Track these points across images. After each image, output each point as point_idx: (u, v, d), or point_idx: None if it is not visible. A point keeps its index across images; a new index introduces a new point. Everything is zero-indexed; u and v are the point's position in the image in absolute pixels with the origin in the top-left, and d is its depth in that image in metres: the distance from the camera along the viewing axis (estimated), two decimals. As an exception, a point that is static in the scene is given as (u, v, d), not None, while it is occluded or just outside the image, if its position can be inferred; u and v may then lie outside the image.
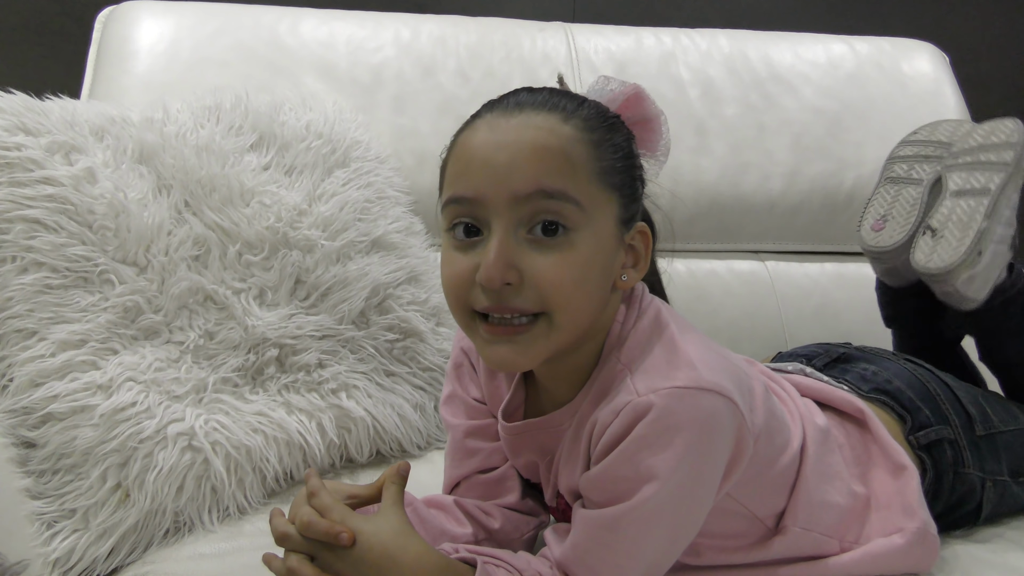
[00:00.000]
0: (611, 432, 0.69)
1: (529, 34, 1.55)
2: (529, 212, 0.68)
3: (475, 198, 0.69)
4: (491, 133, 0.70)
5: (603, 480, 0.70)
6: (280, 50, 1.43)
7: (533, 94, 0.73)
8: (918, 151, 1.25)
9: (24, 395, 0.94)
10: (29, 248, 0.98)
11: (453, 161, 0.72)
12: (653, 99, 0.77)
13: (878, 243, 1.19)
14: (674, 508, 0.69)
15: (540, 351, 0.71)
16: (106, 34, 1.42)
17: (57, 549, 0.89)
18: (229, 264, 1.08)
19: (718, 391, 0.68)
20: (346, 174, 1.22)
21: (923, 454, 0.91)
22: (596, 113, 0.73)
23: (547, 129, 0.69)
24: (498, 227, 0.68)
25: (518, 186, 0.68)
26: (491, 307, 0.69)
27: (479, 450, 0.88)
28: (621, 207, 0.73)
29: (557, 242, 0.69)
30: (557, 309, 0.69)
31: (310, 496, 0.73)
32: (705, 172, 1.48)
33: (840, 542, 0.82)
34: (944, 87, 1.63)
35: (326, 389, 1.07)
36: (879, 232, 1.19)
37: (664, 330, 0.74)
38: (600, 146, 0.71)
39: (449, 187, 0.72)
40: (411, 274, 1.20)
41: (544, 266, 0.68)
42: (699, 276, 1.46)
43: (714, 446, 0.69)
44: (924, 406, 0.94)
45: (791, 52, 1.62)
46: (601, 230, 0.71)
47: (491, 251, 0.68)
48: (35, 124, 1.04)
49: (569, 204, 0.68)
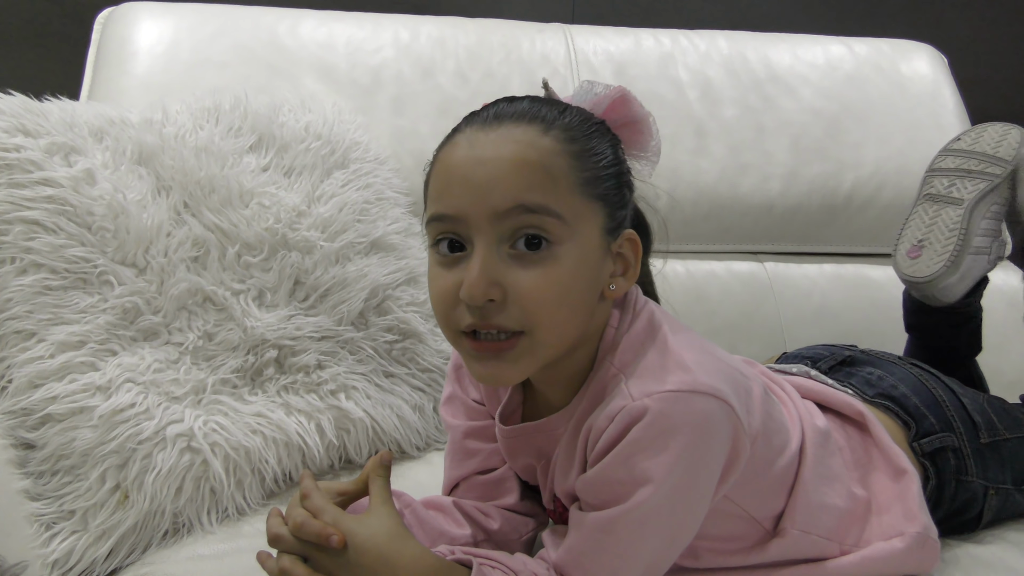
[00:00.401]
0: (607, 436, 0.69)
1: (528, 35, 1.55)
2: (511, 228, 0.68)
3: (456, 215, 0.69)
4: (471, 149, 0.70)
5: (599, 483, 0.70)
6: (279, 51, 1.43)
7: (513, 104, 0.73)
8: (960, 163, 1.14)
9: (23, 396, 0.94)
10: (28, 249, 0.98)
11: (435, 178, 0.72)
12: (640, 101, 0.76)
13: (915, 273, 1.10)
14: (670, 511, 0.69)
15: (526, 366, 0.71)
16: (105, 35, 1.42)
17: (56, 550, 0.89)
18: (228, 265, 1.08)
19: (713, 394, 0.68)
20: (345, 175, 1.22)
21: (926, 461, 0.91)
22: (579, 121, 0.72)
23: (526, 143, 0.69)
24: (480, 244, 0.68)
25: (498, 202, 0.67)
26: (474, 324, 0.69)
27: (478, 451, 0.88)
28: (606, 216, 0.72)
29: (540, 256, 0.68)
30: (538, 326, 0.69)
31: (303, 498, 0.73)
32: (704, 173, 1.48)
33: (840, 545, 0.81)
34: (943, 89, 1.63)
35: (325, 390, 1.07)
36: (915, 260, 1.11)
37: (658, 333, 0.74)
38: (582, 156, 0.71)
39: (432, 204, 0.72)
40: (410, 275, 1.20)
41: (527, 282, 0.68)
42: (697, 277, 1.46)
43: (709, 449, 0.69)
44: (929, 413, 0.94)
45: (790, 53, 1.62)
46: (586, 242, 0.70)
47: (473, 269, 0.67)
48: (34, 125, 1.04)
49: (551, 218, 0.68)
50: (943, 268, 1.08)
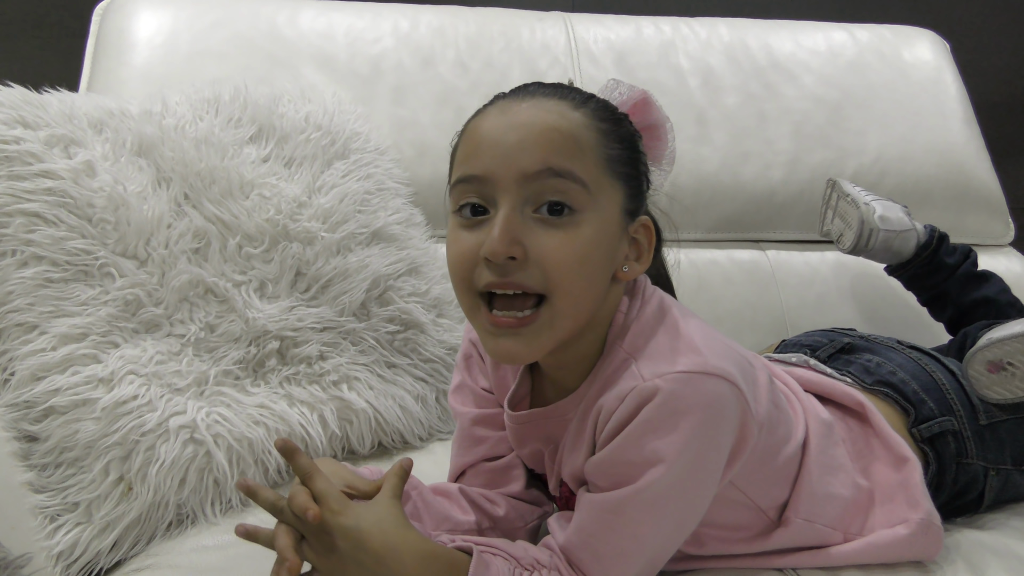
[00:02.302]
0: (617, 417, 0.70)
1: (528, 24, 1.54)
2: (536, 191, 0.69)
3: (484, 176, 0.70)
4: (502, 116, 0.72)
5: (609, 464, 0.71)
6: (279, 41, 1.42)
7: (544, 86, 0.75)
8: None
9: (25, 389, 0.94)
10: (29, 242, 0.98)
11: (463, 144, 0.74)
12: (660, 106, 0.79)
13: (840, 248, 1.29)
14: (679, 492, 0.70)
15: (544, 343, 0.71)
16: (104, 27, 1.42)
17: (60, 543, 0.89)
18: (229, 257, 1.08)
19: (723, 376, 0.69)
20: (346, 166, 1.22)
21: (926, 447, 0.91)
22: (605, 106, 0.75)
23: (557, 112, 0.71)
24: (505, 204, 0.69)
25: (526, 164, 0.69)
26: (495, 283, 0.70)
27: (486, 438, 0.88)
28: (626, 197, 0.74)
29: (563, 222, 0.70)
30: (558, 290, 0.70)
31: (306, 479, 0.71)
32: (706, 161, 1.47)
33: (844, 534, 0.82)
34: (945, 74, 1.62)
35: (327, 381, 1.07)
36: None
37: (667, 318, 0.75)
38: (608, 135, 0.73)
39: (459, 168, 0.73)
40: (411, 265, 1.20)
41: (549, 244, 0.69)
42: (700, 265, 1.45)
43: (719, 430, 0.70)
44: (928, 397, 0.94)
45: (791, 40, 1.61)
46: (606, 216, 0.72)
47: (497, 225, 0.69)
48: (34, 117, 1.04)
49: (576, 185, 0.70)
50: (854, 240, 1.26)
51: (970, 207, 1.52)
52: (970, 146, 1.57)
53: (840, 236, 1.31)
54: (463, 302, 0.74)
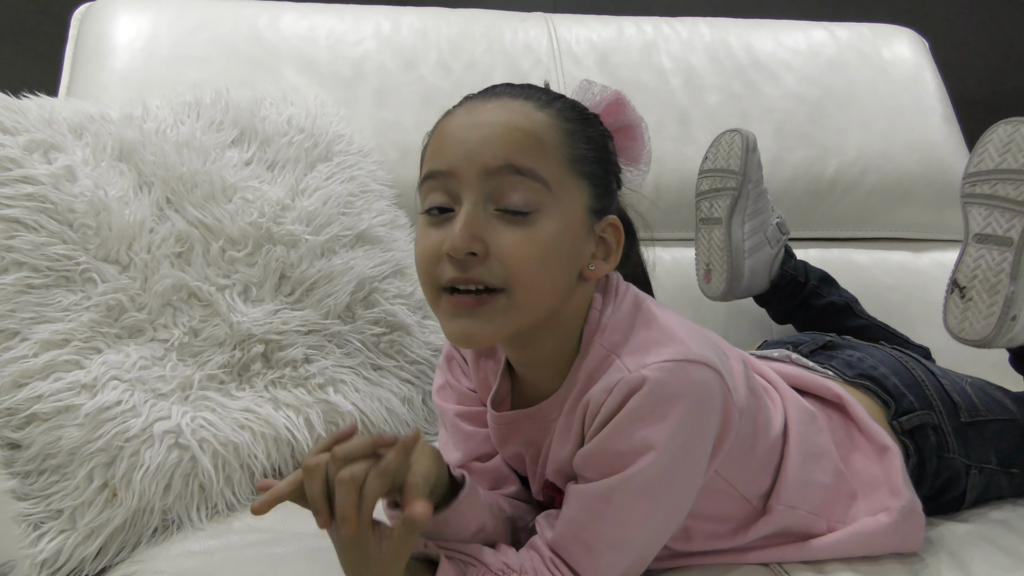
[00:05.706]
0: (605, 408, 0.71)
1: (510, 25, 1.54)
2: (498, 187, 0.71)
3: (448, 171, 0.72)
4: (468, 115, 0.74)
5: (599, 454, 0.71)
6: (260, 44, 1.42)
7: (512, 87, 0.76)
8: (710, 184, 1.26)
9: (7, 396, 0.93)
10: (9, 248, 0.97)
11: (431, 142, 0.75)
12: (634, 106, 0.79)
13: (712, 293, 1.25)
14: (668, 479, 0.71)
15: (500, 327, 0.72)
16: (83, 31, 1.41)
17: (44, 550, 0.89)
18: (212, 260, 1.08)
19: (706, 363, 0.71)
20: (329, 168, 1.22)
21: (906, 439, 0.92)
22: (573, 106, 0.76)
23: (521, 112, 0.72)
24: (468, 200, 0.71)
25: (488, 160, 0.70)
26: (456, 278, 0.70)
27: (474, 433, 0.89)
28: (592, 196, 0.74)
29: (524, 219, 0.71)
30: (518, 285, 0.70)
31: (346, 460, 0.65)
32: (688, 160, 1.48)
33: (827, 520, 0.83)
34: (924, 72, 1.64)
35: (313, 384, 1.07)
36: (709, 284, 1.27)
37: (643, 312, 0.76)
38: (573, 135, 0.74)
39: (426, 164, 0.75)
40: (396, 267, 1.20)
41: (509, 240, 0.70)
42: (684, 264, 1.46)
43: (706, 416, 0.71)
44: (908, 392, 0.95)
45: (772, 39, 1.62)
46: (569, 214, 0.72)
47: (459, 221, 0.70)
48: (12, 123, 1.03)
49: (537, 183, 0.71)
50: (726, 284, 1.23)
51: (950, 204, 1.53)
52: (950, 143, 1.58)
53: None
54: (427, 296, 0.75)
